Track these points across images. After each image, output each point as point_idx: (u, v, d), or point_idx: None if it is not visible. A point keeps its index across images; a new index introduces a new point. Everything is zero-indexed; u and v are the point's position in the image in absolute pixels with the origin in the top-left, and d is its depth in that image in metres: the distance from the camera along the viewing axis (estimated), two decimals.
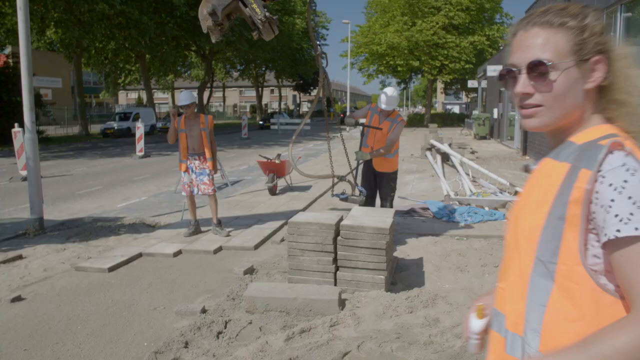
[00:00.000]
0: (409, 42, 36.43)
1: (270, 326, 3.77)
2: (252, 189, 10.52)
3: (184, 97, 6.38)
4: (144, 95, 50.22)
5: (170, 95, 62.85)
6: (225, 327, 3.79)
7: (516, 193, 8.49)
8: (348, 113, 26.05)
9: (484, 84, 28.99)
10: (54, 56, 38.18)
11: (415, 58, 37.55)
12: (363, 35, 39.51)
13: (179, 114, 6.49)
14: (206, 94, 46.45)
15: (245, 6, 4.38)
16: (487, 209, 7.51)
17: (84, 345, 3.62)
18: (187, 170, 6.52)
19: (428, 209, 7.52)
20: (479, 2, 36.61)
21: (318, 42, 5.20)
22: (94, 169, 14.74)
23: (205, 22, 4.36)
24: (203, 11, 4.33)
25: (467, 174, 10.62)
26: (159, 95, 68.65)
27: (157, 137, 29.63)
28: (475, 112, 30.30)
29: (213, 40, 4.61)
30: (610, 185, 0.94)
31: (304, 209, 8.17)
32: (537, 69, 1.05)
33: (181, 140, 6.46)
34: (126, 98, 75.45)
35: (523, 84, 1.07)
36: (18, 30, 6.69)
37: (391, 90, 5.97)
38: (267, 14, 4.37)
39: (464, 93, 52.37)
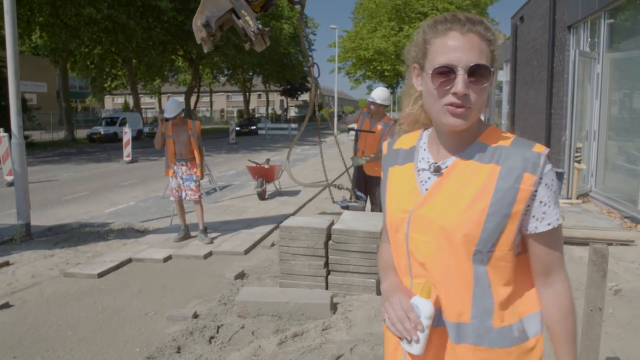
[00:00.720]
0: (396, 48, 36.66)
1: (263, 330, 3.77)
2: (241, 194, 10.50)
3: (172, 108, 6.31)
4: (130, 100, 49.95)
5: (157, 100, 62.56)
6: (218, 331, 3.79)
7: None
8: (336, 118, 26.13)
9: None
10: (39, 60, 37.82)
11: (402, 63, 37.60)
12: (350, 40, 39.71)
13: (167, 119, 6.46)
14: (193, 98, 46.29)
15: (239, 18, 4.44)
16: None
17: (75, 351, 3.59)
18: (174, 176, 6.49)
19: None
20: (465, 8, 36.98)
21: (310, 53, 5.25)
22: (80, 174, 14.61)
23: (199, 33, 4.43)
24: (197, 22, 4.40)
25: None
26: (146, 100, 68.25)
27: (144, 142, 29.40)
28: None
29: (205, 50, 4.68)
30: (546, 185, 1.17)
31: (293, 214, 8.17)
32: (481, 72, 1.13)
33: (169, 147, 6.42)
34: (112, 103, 74.88)
35: (464, 85, 1.12)
36: (5, 34, 6.62)
37: (381, 88, 6.07)
38: (259, 26, 4.43)
39: None
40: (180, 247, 6.26)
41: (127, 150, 17.17)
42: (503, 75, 18.92)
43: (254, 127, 39.17)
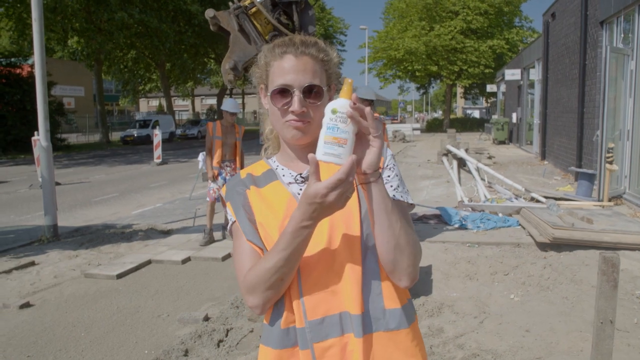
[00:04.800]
0: (427, 47, 36.25)
1: None
2: None
3: (234, 105, 6.58)
4: (164, 102, 51.00)
5: (190, 102, 63.61)
6: (227, 335, 3.78)
7: (532, 199, 8.34)
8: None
9: (502, 88, 28.64)
10: (77, 65, 38.98)
11: (433, 63, 37.34)
12: (381, 40, 39.46)
13: (232, 114, 6.52)
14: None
15: None
16: (500, 215, 7.39)
17: (86, 352, 3.65)
18: (217, 177, 6.55)
19: (440, 215, 7.42)
20: (498, 6, 36.26)
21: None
22: (111, 176, 14.95)
23: (227, 76, 4.77)
24: (225, 66, 4.78)
25: (483, 180, 10.47)
26: (179, 102, 69.51)
27: (176, 144, 29.95)
28: (494, 117, 29.94)
29: (229, 87, 4.95)
30: (387, 167, 1.31)
31: None
32: (315, 91, 1.23)
33: (216, 147, 6.50)
34: (147, 105, 76.55)
35: (300, 104, 1.21)
36: (33, 41, 6.82)
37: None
38: None
39: (483, 98, 51.86)
40: (199, 249, 6.30)
41: (158, 152, 17.46)
42: (535, 74, 18.45)
43: (196, 132, 33.32)
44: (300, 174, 1.31)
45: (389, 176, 1.30)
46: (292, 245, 1.14)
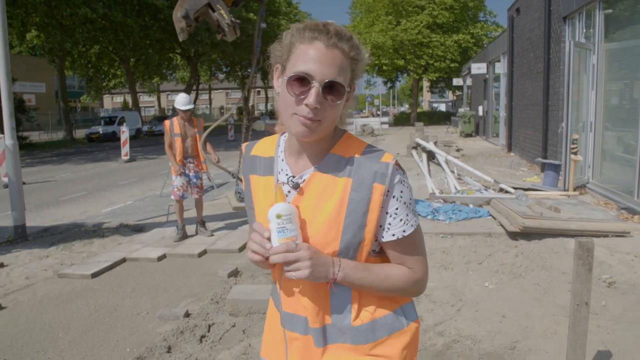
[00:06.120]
0: (393, 42, 36.56)
1: (254, 329, 3.76)
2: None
3: (186, 101, 6.40)
4: (129, 98, 49.94)
5: (156, 98, 62.50)
6: (209, 330, 3.78)
7: (501, 190, 8.56)
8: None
9: (468, 81, 29.15)
10: (36, 61, 37.76)
11: (400, 57, 37.68)
12: None
13: (185, 111, 6.38)
14: (192, 96, 46.22)
15: (214, 11, 4.78)
16: (471, 206, 7.56)
17: (66, 353, 3.59)
18: (180, 174, 6.45)
19: None
20: (463, 1, 36.81)
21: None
22: (78, 174, 14.60)
23: (179, 24, 4.78)
24: (177, 14, 4.75)
25: (452, 172, 10.67)
26: (144, 98, 68.22)
27: (143, 140, 29.40)
28: (461, 110, 30.45)
29: (180, 39, 4.99)
30: (394, 197, 1.22)
31: None
32: (336, 89, 1.14)
33: (177, 145, 6.40)
34: (112, 102, 74.83)
35: (317, 98, 1.12)
36: None
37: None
38: (232, 18, 4.76)
39: (449, 92, 52.63)
40: (175, 245, 6.24)
41: (125, 149, 17.12)
42: (501, 68, 18.85)
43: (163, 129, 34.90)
44: (294, 176, 1.27)
45: (389, 224, 1.24)
46: None
